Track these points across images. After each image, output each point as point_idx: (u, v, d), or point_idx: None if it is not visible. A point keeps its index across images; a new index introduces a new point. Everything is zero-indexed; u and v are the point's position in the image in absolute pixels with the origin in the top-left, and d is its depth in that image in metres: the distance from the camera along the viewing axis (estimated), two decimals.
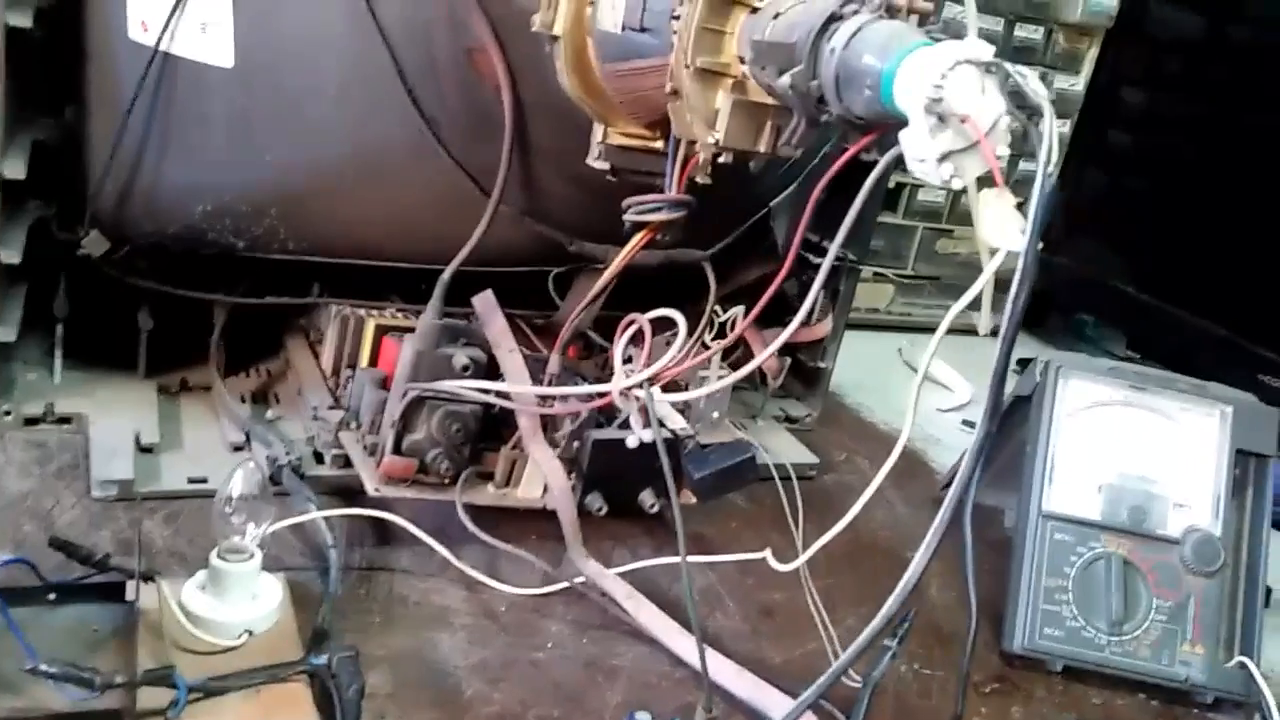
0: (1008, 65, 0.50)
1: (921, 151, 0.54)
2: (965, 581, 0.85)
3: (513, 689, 0.76)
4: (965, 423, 1.41)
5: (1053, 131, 0.46)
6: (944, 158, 0.54)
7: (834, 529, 0.69)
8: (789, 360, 1.26)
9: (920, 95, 0.53)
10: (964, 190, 0.55)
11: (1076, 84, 1.76)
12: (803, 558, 0.72)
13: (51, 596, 0.71)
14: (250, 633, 0.72)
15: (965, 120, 0.51)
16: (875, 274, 1.72)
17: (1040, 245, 0.51)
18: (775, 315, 0.87)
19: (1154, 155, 1.79)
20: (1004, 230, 0.49)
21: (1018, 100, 0.49)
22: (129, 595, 0.72)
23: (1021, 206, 0.51)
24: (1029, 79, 0.50)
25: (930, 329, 1.75)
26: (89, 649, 0.68)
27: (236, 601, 0.73)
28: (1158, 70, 1.80)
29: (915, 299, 1.78)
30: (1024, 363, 1.67)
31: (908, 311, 1.78)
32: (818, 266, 0.74)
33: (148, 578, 0.71)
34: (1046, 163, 0.46)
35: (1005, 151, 0.54)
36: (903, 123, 0.57)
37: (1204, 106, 1.72)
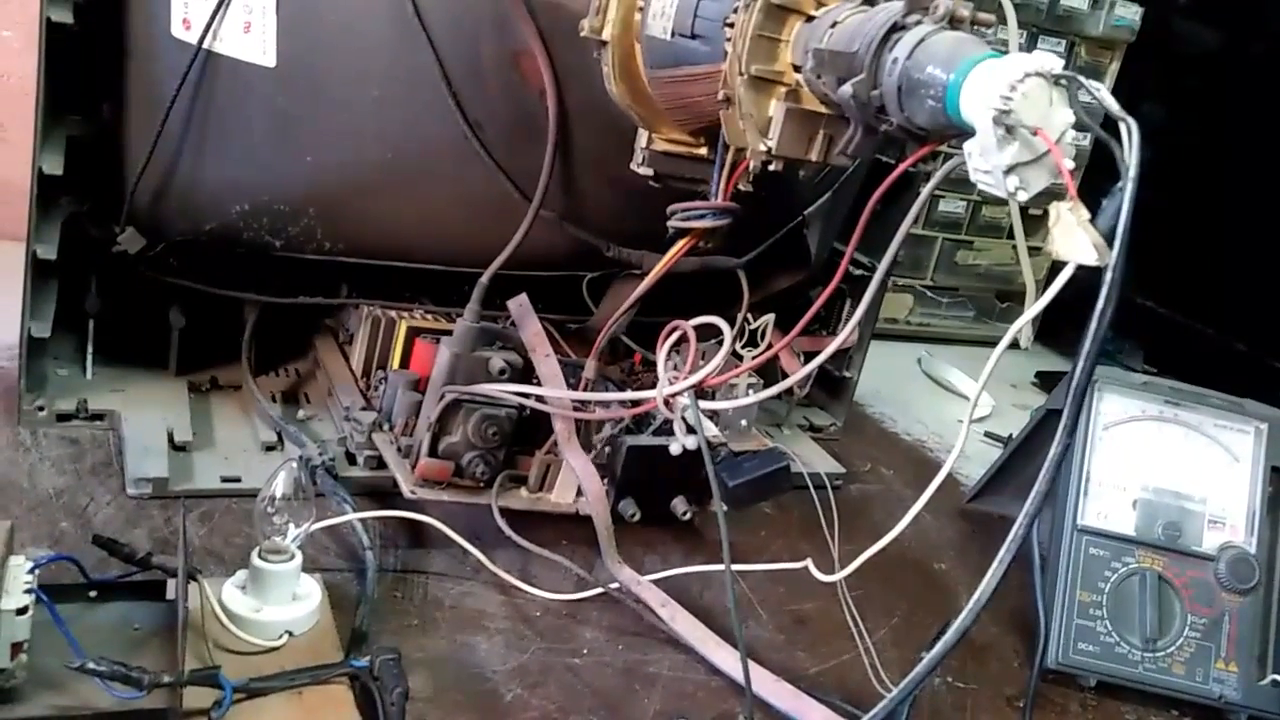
0: (1081, 79, 0.50)
1: (988, 163, 0.54)
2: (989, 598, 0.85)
3: (551, 695, 0.76)
4: (987, 434, 1.41)
5: (1137, 145, 0.46)
6: (1010, 170, 0.54)
7: (877, 544, 0.69)
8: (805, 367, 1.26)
9: (988, 107, 0.53)
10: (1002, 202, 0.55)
11: None
12: (846, 570, 0.72)
13: (92, 594, 0.70)
14: (290, 634, 0.72)
15: (1037, 132, 0.51)
16: (894, 284, 1.73)
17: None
18: (799, 319, 0.86)
19: (1175, 169, 1.79)
20: (1077, 244, 0.49)
21: (1095, 115, 0.49)
22: (169, 594, 0.71)
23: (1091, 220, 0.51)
24: (1102, 93, 0.50)
25: (949, 339, 1.78)
26: (130, 647, 0.67)
27: (277, 602, 0.72)
28: (1179, 85, 1.80)
29: (934, 309, 1.79)
30: (1043, 375, 1.70)
31: (927, 322, 1.78)
32: (847, 276, 0.75)
33: (190, 577, 0.71)
34: (1131, 177, 0.45)
35: (1071, 164, 0.54)
36: (964, 134, 0.57)
37: (1225, 121, 1.72)
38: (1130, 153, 0.46)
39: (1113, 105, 0.49)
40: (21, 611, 0.60)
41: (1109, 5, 1.71)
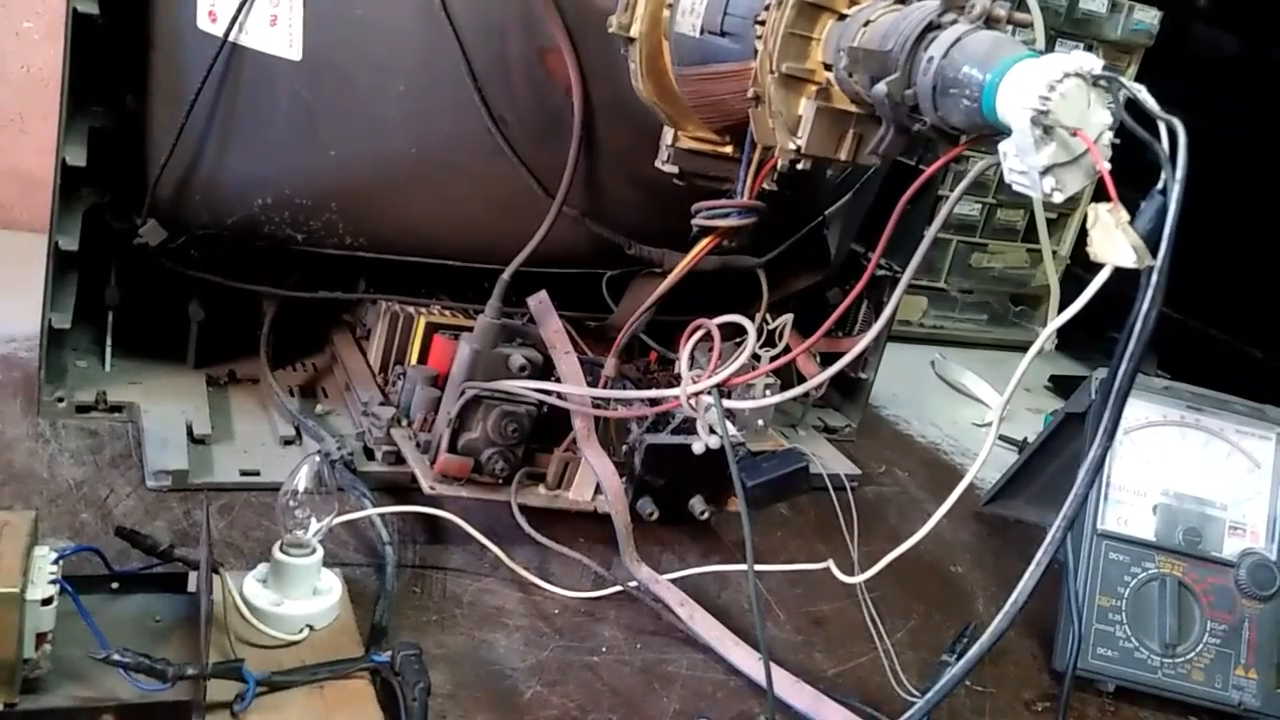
0: (1122, 79, 0.50)
1: (1024, 163, 0.54)
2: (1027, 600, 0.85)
3: (570, 693, 0.76)
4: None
5: (1184, 146, 0.46)
6: (1046, 171, 0.53)
7: (901, 547, 0.69)
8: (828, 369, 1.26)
9: (1026, 107, 0.52)
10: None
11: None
12: (869, 572, 0.72)
13: (114, 585, 0.70)
14: (311, 628, 0.72)
15: (1077, 133, 0.50)
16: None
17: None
18: (817, 321, 0.86)
19: (1191, 174, 1.79)
20: (1116, 247, 0.48)
21: (1137, 114, 0.49)
22: (191, 586, 0.71)
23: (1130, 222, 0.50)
24: (1143, 94, 0.50)
25: (963, 342, 1.77)
26: (152, 639, 0.67)
27: (298, 596, 0.72)
28: (1197, 90, 1.79)
29: (948, 312, 1.78)
30: (1057, 379, 1.69)
31: (940, 324, 1.77)
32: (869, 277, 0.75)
33: (212, 570, 0.71)
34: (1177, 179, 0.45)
35: (1107, 166, 0.53)
36: (999, 134, 0.57)
37: (1243, 126, 1.72)
38: (1178, 154, 0.46)
39: (1155, 107, 0.49)
40: (46, 602, 0.60)
41: (1127, 9, 1.70)
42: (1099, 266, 0.52)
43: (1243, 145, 1.70)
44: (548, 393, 0.89)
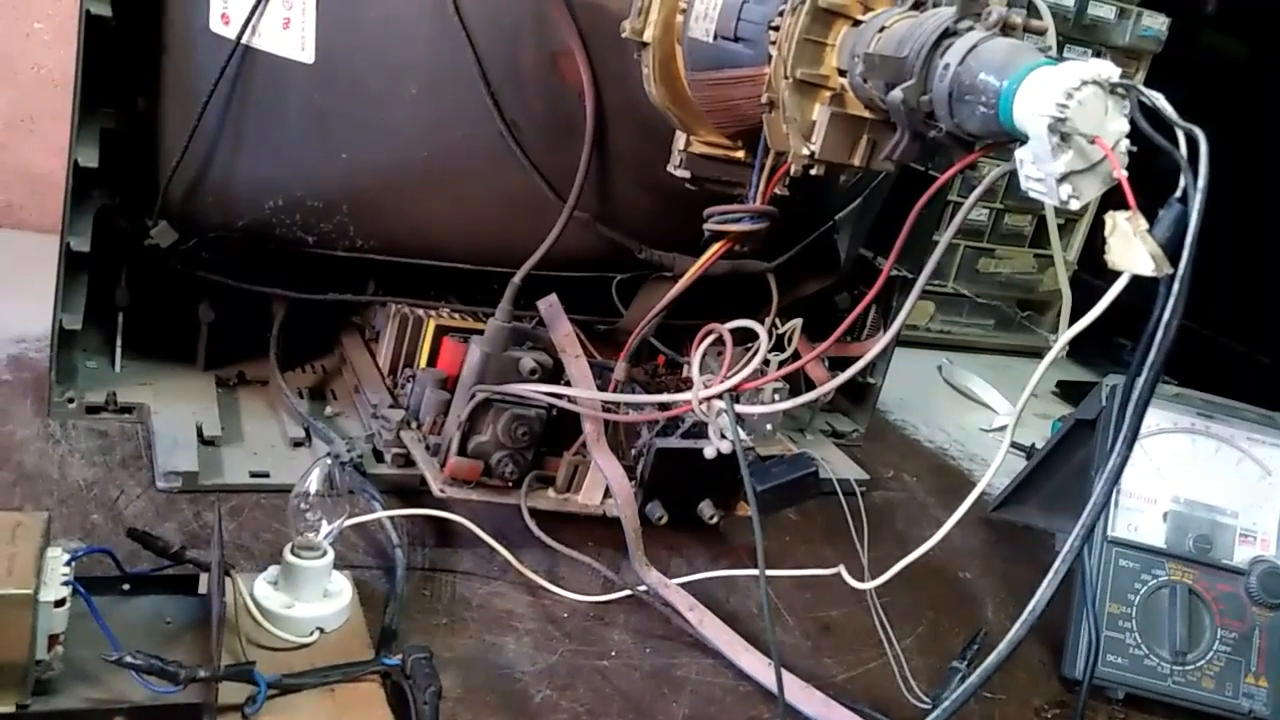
0: (1140, 87, 0.50)
1: (1040, 171, 0.54)
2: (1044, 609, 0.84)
3: (580, 697, 0.76)
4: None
5: (1205, 155, 0.46)
6: (1063, 178, 0.53)
7: (913, 554, 0.69)
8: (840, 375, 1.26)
9: (1043, 114, 0.52)
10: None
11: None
12: (881, 579, 0.72)
13: (126, 587, 0.70)
14: (321, 630, 0.72)
15: (1095, 140, 0.50)
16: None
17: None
18: (825, 325, 0.86)
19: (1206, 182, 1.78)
20: (1134, 255, 0.48)
21: (1153, 122, 0.49)
22: (202, 588, 0.71)
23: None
24: (1160, 101, 0.50)
25: (970, 347, 1.77)
26: (163, 641, 0.67)
27: (309, 598, 0.72)
28: (1206, 96, 1.78)
29: (955, 316, 1.78)
30: (1064, 385, 1.69)
31: (947, 329, 1.77)
32: (872, 280, 0.75)
33: (224, 572, 0.71)
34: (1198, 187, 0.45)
35: (1125, 173, 0.53)
36: (1015, 141, 0.57)
37: (1252, 133, 1.71)
38: (1199, 162, 0.46)
39: (1174, 115, 0.49)
40: (59, 603, 0.60)
41: (1136, 15, 1.70)
42: (1111, 273, 0.52)
43: (1251, 152, 1.70)
44: (558, 396, 0.89)
